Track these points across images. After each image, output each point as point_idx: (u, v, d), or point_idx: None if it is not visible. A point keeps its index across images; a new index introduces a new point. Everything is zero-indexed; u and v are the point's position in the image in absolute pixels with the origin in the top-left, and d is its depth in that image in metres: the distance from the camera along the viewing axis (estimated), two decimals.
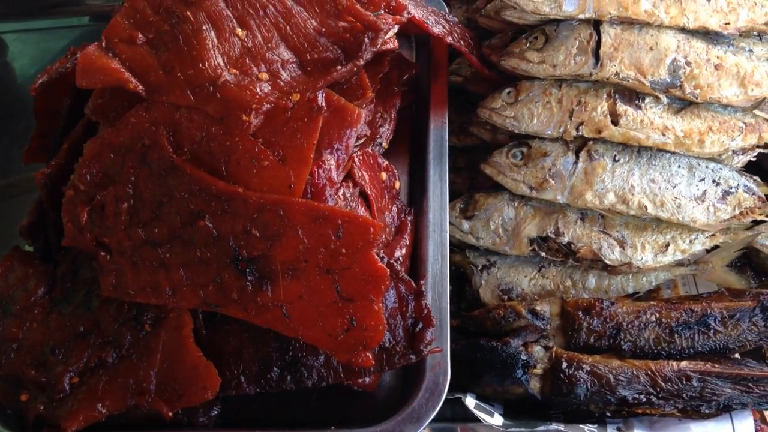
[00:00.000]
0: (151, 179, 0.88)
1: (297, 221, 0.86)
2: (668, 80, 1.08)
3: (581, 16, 1.09)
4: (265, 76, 0.87)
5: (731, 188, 1.09)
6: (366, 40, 0.89)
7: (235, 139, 0.86)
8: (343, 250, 0.86)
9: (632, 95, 1.09)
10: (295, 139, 0.86)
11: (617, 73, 1.07)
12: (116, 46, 0.89)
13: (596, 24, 1.10)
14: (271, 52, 0.88)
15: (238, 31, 0.89)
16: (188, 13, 0.89)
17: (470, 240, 1.15)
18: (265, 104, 0.84)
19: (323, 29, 0.91)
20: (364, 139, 1.14)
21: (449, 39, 1.18)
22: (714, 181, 1.09)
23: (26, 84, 1.64)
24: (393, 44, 1.07)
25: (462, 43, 1.23)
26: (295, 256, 0.87)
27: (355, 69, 0.88)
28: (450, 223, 1.16)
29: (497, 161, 1.13)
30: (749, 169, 1.13)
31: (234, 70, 0.86)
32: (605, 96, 1.09)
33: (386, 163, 1.12)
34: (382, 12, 1.04)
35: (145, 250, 0.90)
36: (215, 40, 0.88)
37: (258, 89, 0.85)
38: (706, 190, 1.08)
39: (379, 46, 0.90)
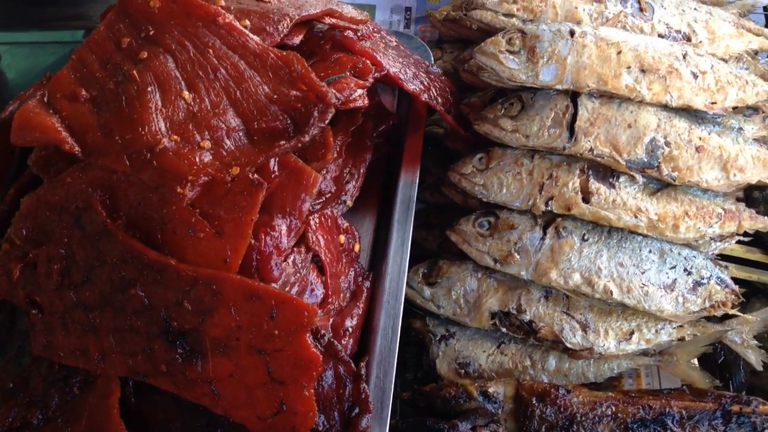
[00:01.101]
0: (84, 242, 0.85)
1: (230, 298, 0.82)
2: (645, 160, 1.03)
3: (558, 87, 1.04)
4: (207, 144, 0.83)
5: (703, 279, 1.03)
6: (315, 113, 0.85)
7: (172, 207, 0.82)
8: (276, 332, 0.83)
9: (606, 172, 1.04)
10: (234, 212, 0.82)
11: (591, 149, 1.02)
12: (58, 102, 0.86)
13: (574, 96, 1.05)
14: (217, 118, 0.85)
15: (185, 94, 0.85)
16: (135, 72, 0.86)
17: (431, 307, 1.11)
18: (203, 176, 0.80)
19: (275, 96, 0.87)
20: (328, 196, 1.10)
21: (424, 96, 1.14)
22: (686, 269, 1.03)
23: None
24: (362, 102, 1.03)
25: (439, 100, 1.18)
26: (227, 333, 0.83)
27: (300, 144, 0.84)
28: (412, 288, 1.12)
29: (463, 229, 1.08)
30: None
31: (175, 137, 0.82)
32: (578, 171, 1.04)
33: (346, 224, 1.07)
34: (348, 74, 1.00)
35: (76, 313, 0.87)
36: (159, 102, 0.84)
37: (197, 159, 0.82)
38: (676, 279, 1.03)
39: (327, 121, 0.86)
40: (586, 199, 1.04)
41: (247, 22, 0.91)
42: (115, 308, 0.85)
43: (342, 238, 1.06)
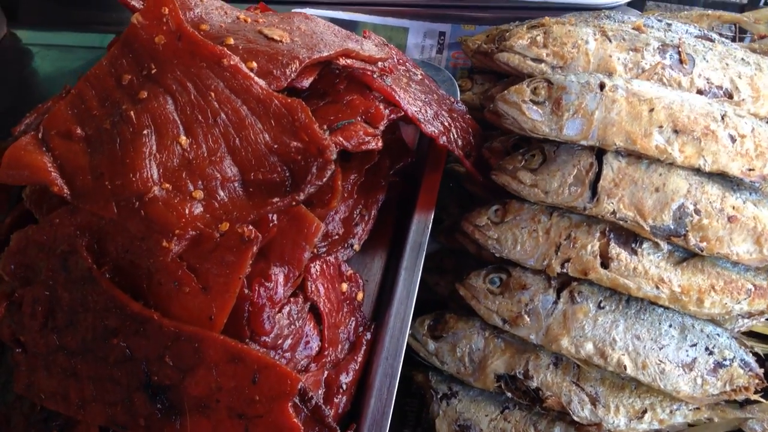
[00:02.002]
0: (69, 286, 0.82)
1: (212, 358, 0.79)
2: (672, 227, 0.96)
3: (583, 143, 0.98)
4: (199, 194, 0.80)
5: (726, 360, 0.96)
6: (313, 169, 0.81)
7: (159, 258, 0.79)
8: (257, 397, 0.79)
9: (629, 237, 0.98)
10: (222, 268, 0.78)
11: (614, 212, 0.96)
12: (52, 140, 0.83)
13: (599, 153, 0.98)
14: (213, 166, 0.81)
15: (182, 139, 0.82)
16: (132, 113, 0.83)
17: (435, 362, 1.06)
18: (190, 231, 0.77)
19: (275, 146, 0.82)
20: (335, 239, 1.06)
21: (442, 140, 1.09)
22: (707, 348, 0.96)
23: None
24: (375, 145, 0.98)
25: (459, 142, 1.13)
26: (208, 393, 0.80)
27: (294, 202, 0.80)
28: (416, 340, 1.07)
29: (473, 284, 1.03)
30: None
31: (167, 185, 0.79)
32: (598, 234, 0.98)
33: (350, 272, 1.03)
34: (359, 120, 0.95)
35: (58, 357, 0.84)
36: (155, 147, 0.81)
37: (187, 210, 0.78)
38: (696, 358, 0.96)
39: (325, 179, 0.81)
40: (605, 264, 0.97)
41: (254, 64, 0.87)
42: (96, 356, 0.82)
43: (344, 287, 1.01)
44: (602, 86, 0.97)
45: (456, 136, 1.13)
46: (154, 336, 0.79)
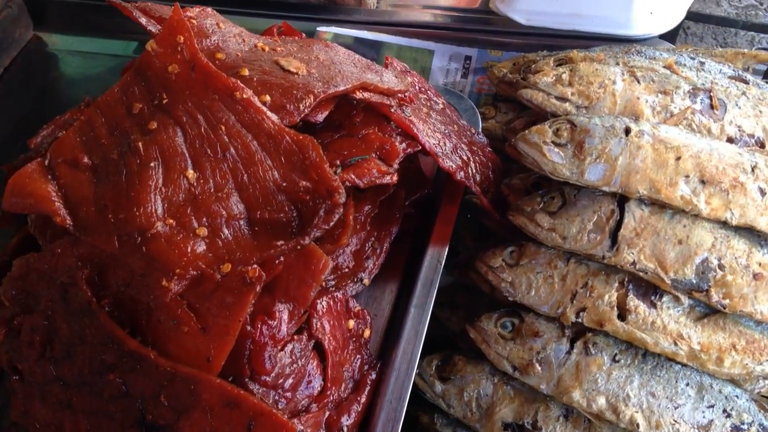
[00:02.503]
0: (68, 317, 0.81)
1: (207, 401, 0.77)
2: (694, 282, 0.92)
3: (605, 189, 0.94)
4: (203, 231, 0.77)
5: (743, 424, 0.92)
6: (321, 212, 0.78)
7: (158, 296, 0.77)
8: None
9: (649, 289, 0.94)
10: (222, 310, 0.76)
11: (634, 263, 0.92)
12: (58, 168, 0.81)
13: (622, 200, 0.95)
14: (219, 203, 0.79)
15: (190, 173, 0.80)
16: (140, 144, 0.81)
17: (441, 404, 1.03)
18: (191, 270, 0.75)
19: (284, 184, 0.80)
20: (345, 272, 1.03)
21: (460, 175, 1.05)
22: (725, 410, 0.92)
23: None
24: (390, 180, 0.96)
25: (478, 178, 1.10)
26: None
27: (299, 247, 0.77)
28: (423, 380, 1.04)
29: (484, 327, 1.00)
30: None
31: (171, 221, 0.77)
32: (617, 284, 0.94)
33: (358, 308, 1.01)
34: (373, 156, 0.93)
35: (54, 387, 0.83)
36: (161, 180, 0.79)
37: (189, 249, 0.76)
38: (712, 420, 0.91)
39: (332, 223, 0.79)
40: (622, 316, 0.93)
41: (268, 98, 0.85)
42: (92, 390, 0.81)
43: (351, 323, 0.99)
44: (627, 131, 0.94)
45: (474, 170, 1.10)
46: (150, 374, 0.78)
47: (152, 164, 0.79)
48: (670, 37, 1.43)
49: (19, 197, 0.79)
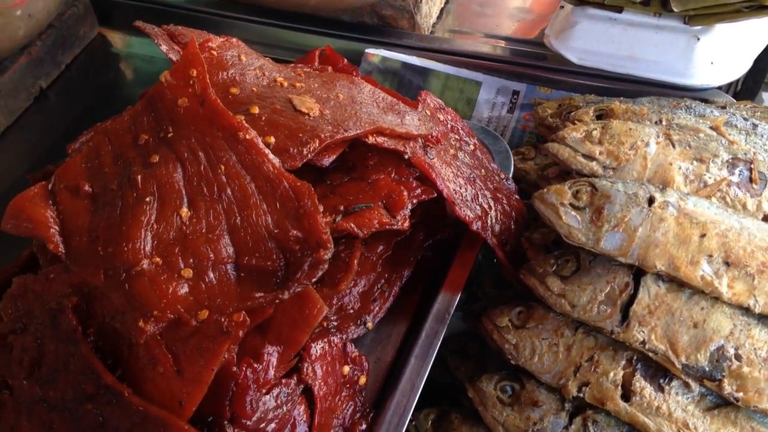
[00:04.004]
0: (56, 342, 0.82)
1: None
2: (706, 369, 0.86)
3: (621, 259, 0.89)
4: (188, 273, 0.77)
5: None
6: (305, 266, 0.76)
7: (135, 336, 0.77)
8: None
9: (657, 371, 0.88)
10: (197, 356, 0.75)
11: (644, 342, 0.87)
12: (60, 193, 0.82)
13: (638, 273, 0.89)
14: (208, 244, 0.78)
15: (184, 210, 0.79)
16: (139, 177, 0.81)
17: None
18: (169, 313, 0.74)
19: (276, 231, 0.79)
20: (349, 312, 1.02)
21: (476, 226, 1.02)
22: None
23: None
24: (402, 225, 0.93)
25: (496, 228, 1.06)
26: None
27: (277, 301, 0.76)
28: (418, 430, 1.01)
29: (484, 389, 0.96)
30: None
31: (157, 259, 0.77)
32: (624, 362, 0.89)
33: (356, 353, 0.98)
34: (379, 205, 0.90)
35: (39, 407, 0.84)
36: (154, 216, 0.79)
37: (171, 290, 0.76)
38: None
39: (313, 281, 0.76)
40: (626, 396, 0.88)
41: (272, 140, 0.83)
42: (72, 416, 0.82)
43: (346, 369, 0.97)
44: (651, 201, 0.88)
45: (494, 220, 1.06)
46: (125, 410, 0.78)
47: (148, 199, 0.79)
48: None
49: (17, 220, 0.80)
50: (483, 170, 1.13)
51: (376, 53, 1.48)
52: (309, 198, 0.79)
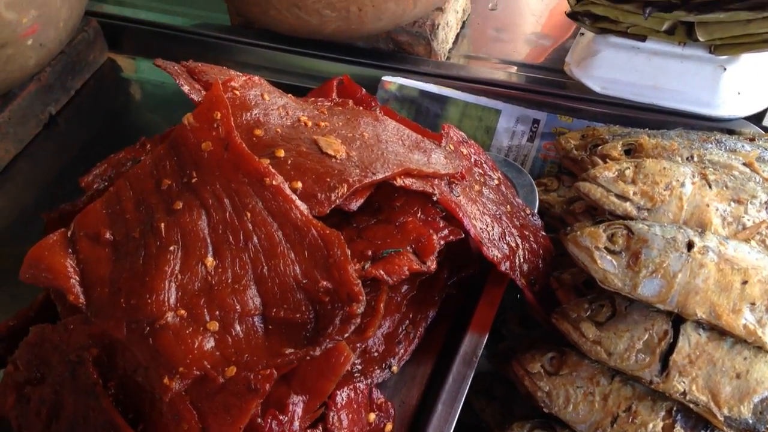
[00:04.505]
0: (75, 395, 0.78)
1: None
2: (750, 422, 0.82)
3: (660, 306, 0.86)
4: (214, 326, 0.74)
5: None
6: (337, 320, 0.73)
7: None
8: None
9: (699, 423, 0.85)
10: (223, 414, 0.72)
11: (684, 393, 0.84)
12: (80, 241, 0.79)
13: (677, 321, 0.86)
14: (234, 295, 0.75)
15: (209, 260, 0.76)
16: (162, 224, 0.78)
17: None
18: (195, 370, 0.71)
19: (304, 281, 0.75)
20: (374, 356, 0.98)
21: (504, 266, 0.99)
22: None
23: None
24: (429, 267, 0.90)
25: (525, 268, 1.03)
26: None
27: (308, 357, 0.72)
28: None
29: None
30: None
31: (182, 311, 0.74)
32: (664, 413, 0.86)
33: (381, 399, 0.95)
34: (408, 250, 0.87)
35: None
36: (178, 266, 0.76)
37: (197, 345, 0.72)
38: None
39: (346, 335, 0.73)
40: None
41: (299, 185, 0.80)
42: None
43: (372, 417, 0.93)
44: (690, 246, 0.85)
45: (522, 260, 1.03)
46: None
47: (172, 248, 0.76)
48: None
49: (36, 270, 0.77)
50: (508, 206, 1.10)
51: (392, 81, 1.46)
52: (339, 247, 0.76)
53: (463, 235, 0.97)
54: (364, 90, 1.24)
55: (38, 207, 1.47)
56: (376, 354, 0.98)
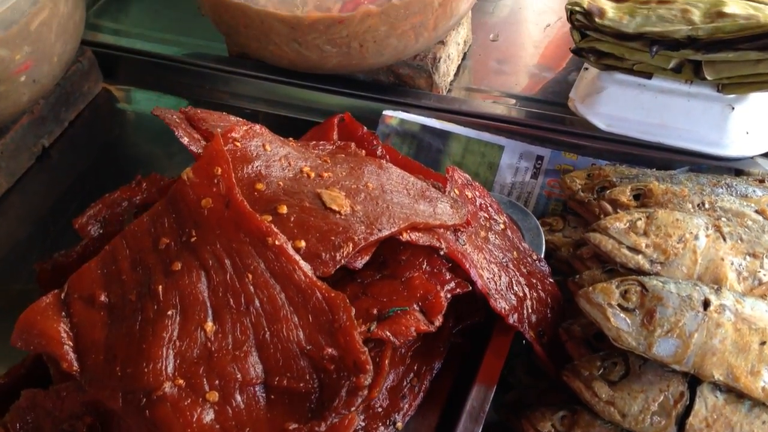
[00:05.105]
0: None
1: None
2: None
3: (676, 367, 0.83)
4: (214, 396, 0.70)
5: None
6: (343, 392, 0.70)
7: None
8: None
9: None
10: None
11: None
12: (74, 304, 0.76)
13: (693, 381, 0.83)
14: (235, 363, 0.72)
15: (208, 325, 0.73)
16: (160, 287, 0.75)
17: None
18: None
19: (308, 347, 0.72)
20: (378, 411, 0.95)
21: (512, 319, 0.96)
22: None
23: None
24: (437, 326, 0.87)
25: (533, 319, 1.00)
26: None
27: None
28: None
29: None
30: None
31: (180, 381, 0.70)
32: None
33: None
34: (415, 308, 0.84)
35: None
36: (176, 332, 0.73)
37: (195, 417, 0.69)
38: None
39: (354, 408, 0.70)
40: None
41: (303, 244, 0.77)
42: None
43: None
44: (706, 304, 0.83)
45: (530, 310, 1.00)
46: None
47: (170, 312, 0.73)
48: None
49: (28, 335, 0.74)
50: (515, 252, 1.07)
51: (394, 115, 1.43)
52: (344, 311, 0.73)
53: (471, 288, 0.94)
54: (365, 128, 1.21)
55: (30, 243, 1.43)
56: (380, 410, 0.95)
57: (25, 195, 1.51)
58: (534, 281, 1.04)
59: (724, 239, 0.91)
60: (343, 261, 0.77)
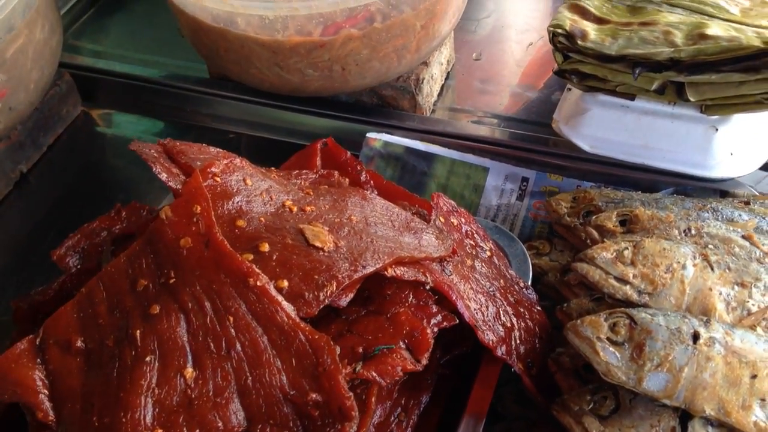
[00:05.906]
0: None
1: None
2: None
3: (666, 402, 0.82)
4: None
5: None
6: None
7: None
8: None
9: None
10: None
11: None
12: (49, 350, 0.74)
13: (685, 416, 0.82)
14: (216, 411, 0.69)
15: (188, 371, 0.71)
16: (138, 332, 0.72)
17: None
18: None
19: (292, 392, 0.70)
20: None
21: (500, 351, 0.95)
22: None
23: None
24: (424, 365, 0.85)
25: (522, 350, 0.99)
26: None
27: None
28: None
29: None
30: None
31: (159, 431, 0.68)
32: None
33: None
34: (401, 345, 0.83)
35: None
36: (155, 380, 0.70)
37: None
38: None
39: None
40: None
41: (285, 283, 0.75)
42: None
43: None
44: (696, 337, 0.82)
45: (518, 341, 0.99)
46: None
47: (148, 358, 0.71)
48: None
49: (2, 383, 0.72)
50: (502, 280, 1.06)
51: (378, 138, 1.42)
52: (329, 354, 0.71)
53: (458, 321, 0.92)
54: (348, 153, 1.20)
55: (7, 273, 1.40)
56: None
57: (3, 222, 1.48)
58: (522, 310, 1.03)
59: (712, 268, 0.90)
60: (327, 300, 0.76)
